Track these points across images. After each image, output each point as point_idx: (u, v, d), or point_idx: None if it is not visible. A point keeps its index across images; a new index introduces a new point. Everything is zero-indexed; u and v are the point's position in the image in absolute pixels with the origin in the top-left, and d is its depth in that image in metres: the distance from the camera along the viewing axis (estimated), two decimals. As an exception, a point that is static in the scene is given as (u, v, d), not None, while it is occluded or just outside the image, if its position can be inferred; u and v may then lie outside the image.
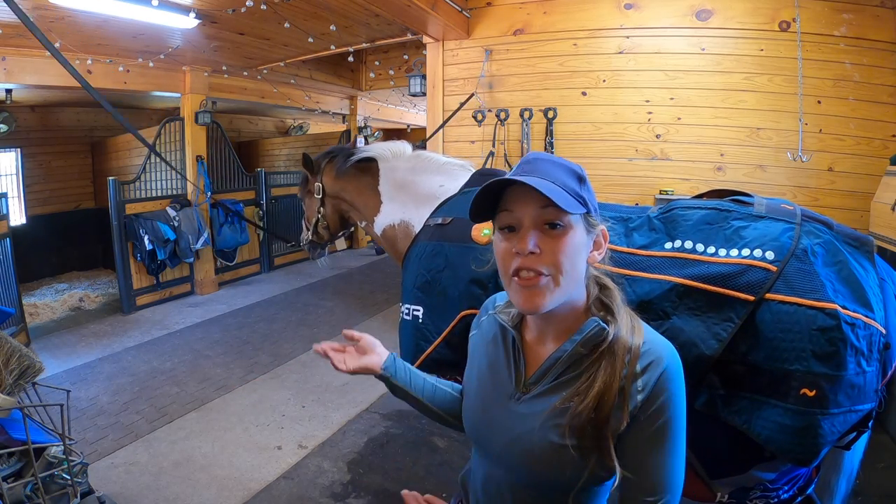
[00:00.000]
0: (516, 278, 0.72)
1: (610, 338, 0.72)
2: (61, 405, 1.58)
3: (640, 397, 0.69)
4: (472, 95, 3.73)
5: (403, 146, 2.16)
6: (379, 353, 0.94)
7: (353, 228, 2.60)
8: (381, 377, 0.93)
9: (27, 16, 1.71)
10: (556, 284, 0.71)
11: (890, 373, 1.17)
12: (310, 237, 2.49)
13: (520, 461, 0.76)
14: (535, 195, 0.69)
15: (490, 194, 0.73)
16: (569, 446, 0.71)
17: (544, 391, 0.76)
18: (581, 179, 0.75)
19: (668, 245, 1.29)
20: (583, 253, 0.73)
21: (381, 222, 2.16)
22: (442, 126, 3.81)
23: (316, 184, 2.33)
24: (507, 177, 0.72)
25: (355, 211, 2.29)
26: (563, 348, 0.75)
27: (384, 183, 2.14)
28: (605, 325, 0.73)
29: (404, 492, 0.89)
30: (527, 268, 0.70)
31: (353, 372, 0.90)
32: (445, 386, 1.00)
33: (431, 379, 0.99)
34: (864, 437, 1.23)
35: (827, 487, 1.35)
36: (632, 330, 0.73)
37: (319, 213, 2.37)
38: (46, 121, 6.64)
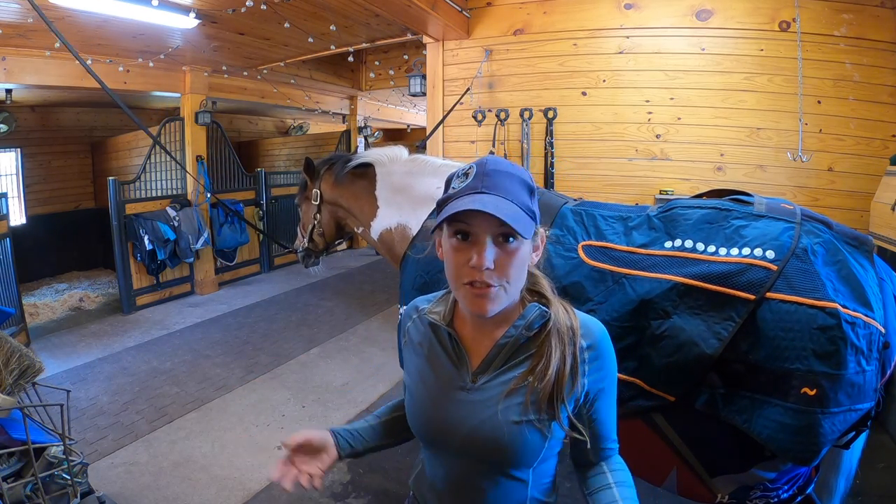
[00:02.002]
0: (469, 286, 0.75)
1: (552, 320, 0.80)
2: (61, 405, 1.58)
3: (588, 366, 0.79)
4: (467, 90, 3.72)
5: (400, 151, 2.16)
6: (325, 441, 0.94)
7: (346, 239, 2.59)
8: (345, 458, 0.95)
9: (44, 13, 1.72)
10: (506, 293, 0.76)
11: (889, 372, 1.17)
12: (305, 244, 2.48)
13: (485, 447, 0.79)
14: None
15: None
16: (531, 421, 0.77)
17: (496, 376, 0.81)
18: (532, 191, 0.78)
19: (669, 244, 1.29)
20: (528, 260, 0.79)
21: (378, 227, 2.15)
22: (440, 123, 3.81)
23: (314, 190, 2.33)
24: (466, 198, 0.73)
25: (352, 217, 2.29)
26: (509, 334, 0.81)
27: (381, 187, 2.14)
28: (545, 308, 0.81)
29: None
30: (481, 281, 0.73)
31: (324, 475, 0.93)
32: (388, 412, 1.03)
33: (372, 420, 1.01)
34: (863, 437, 1.24)
35: (826, 487, 1.35)
36: (566, 311, 0.82)
37: (315, 219, 2.36)
38: (46, 121, 6.64)
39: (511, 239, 0.73)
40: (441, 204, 0.78)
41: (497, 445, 0.78)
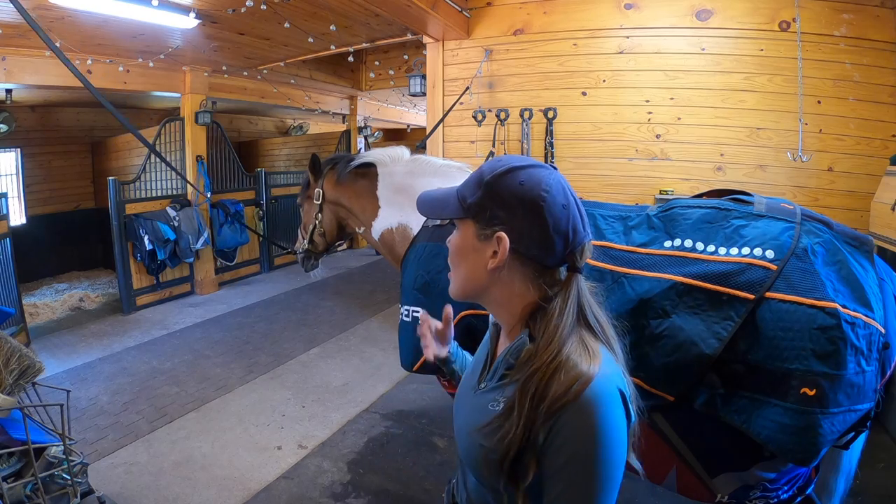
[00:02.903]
0: None
1: (532, 356, 0.67)
2: (61, 405, 1.58)
3: (548, 438, 0.62)
4: (467, 89, 3.72)
5: (401, 151, 2.17)
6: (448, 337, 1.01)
7: (346, 241, 2.59)
8: (444, 360, 1.01)
9: (29, 14, 1.71)
10: (452, 279, 0.78)
11: (889, 372, 1.17)
12: (305, 245, 2.48)
13: (465, 452, 0.77)
14: None
15: None
16: (489, 448, 0.68)
17: (490, 389, 0.75)
18: (482, 185, 0.72)
19: (668, 243, 1.29)
20: (469, 255, 0.74)
21: (379, 226, 2.16)
22: (439, 122, 3.81)
23: (317, 189, 2.33)
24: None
25: (353, 217, 2.29)
26: (503, 353, 0.76)
27: (382, 187, 2.15)
28: (529, 340, 0.70)
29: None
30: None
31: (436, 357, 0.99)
32: None
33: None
34: (862, 437, 1.23)
35: (825, 487, 1.35)
36: (565, 354, 0.64)
37: (317, 219, 2.37)
38: (46, 121, 6.64)
39: (454, 227, 0.77)
40: None
41: (467, 452, 0.76)
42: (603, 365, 0.65)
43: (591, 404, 0.61)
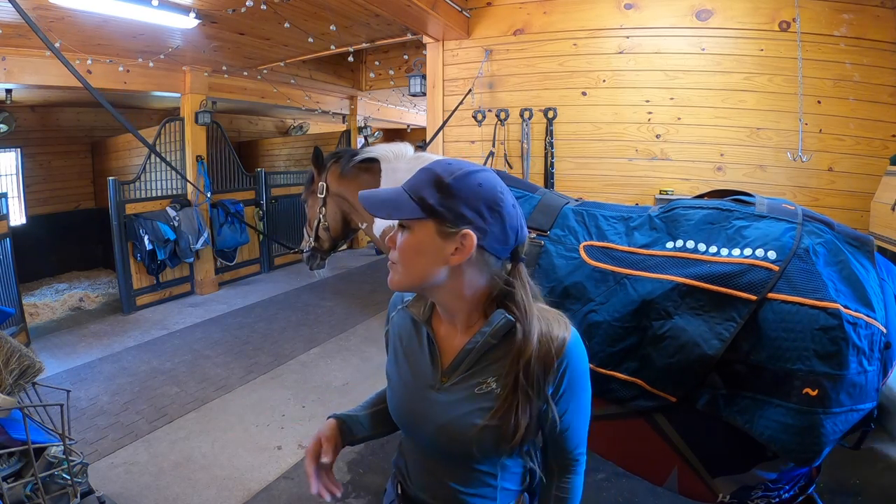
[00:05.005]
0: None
1: (519, 330, 0.79)
2: (61, 405, 1.58)
3: (556, 378, 0.79)
4: (469, 91, 3.72)
5: (405, 147, 2.17)
6: (334, 436, 0.93)
7: (352, 237, 2.58)
8: (351, 444, 0.98)
9: (28, 15, 1.71)
10: (399, 274, 0.82)
11: (890, 372, 1.17)
12: (311, 243, 2.47)
13: (450, 445, 0.83)
14: None
15: None
16: (494, 426, 0.78)
17: (462, 379, 0.83)
18: (441, 187, 0.77)
19: (670, 245, 1.29)
20: (428, 252, 0.78)
21: (382, 223, 2.16)
22: (442, 127, 3.81)
23: (320, 183, 2.33)
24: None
25: (356, 212, 2.29)
26: (475, 339, 0.83)
27: (385, 183, 2.15)
28: (511, 317, 0.80)
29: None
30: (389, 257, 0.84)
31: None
32: (376, 403, 1.04)
33: (361, 410, 1.02)
34: None
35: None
36: (538, 319, 0.80)
37: (321, 213, 2.36)
38: (46, 121, 6.63)
39: (404, 226, 0.80)
40: None
41: (462, 445, 0.82)
42: (567, 320, 0.84)
43: (577, 348, 0.82)
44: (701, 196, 1.58)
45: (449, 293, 0.82)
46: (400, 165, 2.13)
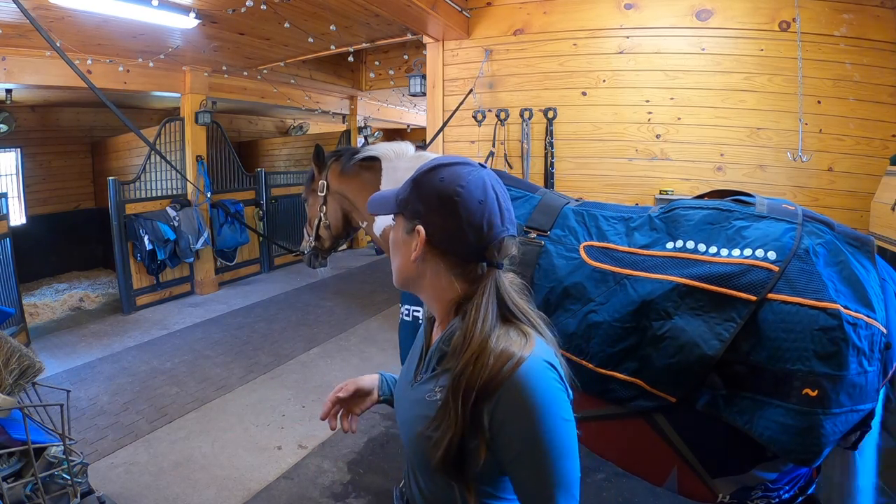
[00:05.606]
0: None
1: (457, 338, 0.70)
2: (61, 405, 1.58)
3: (492, 406, 0.66)
4: (470, 91, 3.73)
5: (406, 146, 2.16)
6: (372, 386, 1.00)
7: (353, 235, 2.57)
8: (383, 401, 1.02)
9: (30, 14, 1.71)
10: (393, 268, 0.81)
11: (891, 372, 1.17)
12: (312, 242, 2.47)
13: (408, 445, 0.81)
14: None
15: None
16: (427, 437, 0.71)
17: (424, 382, 0.79)
18: (412, 182, 0.76)
19: (670, 245, 1.29)
20: (400, 248, 0.78)
21: (382, 222, 2.16)
22: (442, 128, 3.81)
23: (321, 181, 2.33)
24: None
25: (356, 211, 2.29)
26: (436, 342, 0.79)
27: (386, 182, 2.14)
28: (456, 329, 0.73)
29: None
30: None
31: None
32: None
33: None
34: (873, 440, 1.23)
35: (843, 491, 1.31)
36: (493, 332, 0.68)
37: (322, 211, 2.36)
38: (46, 121, 6.64)
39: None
40: None
41: (413, 448, 0.79)
42: (535, 347, 0.69)
43: (524, 379, 0.64)
44: (701, 196, 1.57)
45: (424, 292, 0.79)
46: (400, 164, 2.12)
